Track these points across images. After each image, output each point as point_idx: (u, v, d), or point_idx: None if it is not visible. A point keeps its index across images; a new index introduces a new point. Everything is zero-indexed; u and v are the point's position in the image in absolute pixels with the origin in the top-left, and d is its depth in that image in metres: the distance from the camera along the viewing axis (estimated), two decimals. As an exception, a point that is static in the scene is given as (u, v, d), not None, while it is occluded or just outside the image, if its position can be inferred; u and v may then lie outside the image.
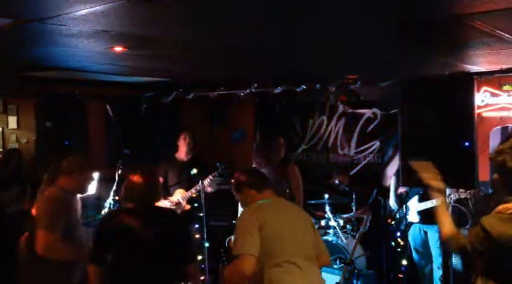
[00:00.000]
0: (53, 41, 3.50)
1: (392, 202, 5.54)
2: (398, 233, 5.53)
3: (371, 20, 2.92)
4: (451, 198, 4.88)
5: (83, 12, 2.64)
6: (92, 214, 5.33)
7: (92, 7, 2.55)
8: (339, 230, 5.57)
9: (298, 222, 3.18)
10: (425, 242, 5.33)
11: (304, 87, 5.68)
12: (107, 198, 5.25)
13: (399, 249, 5.56)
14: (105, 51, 3.87)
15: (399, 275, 5.44)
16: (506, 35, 3.27)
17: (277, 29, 3.21)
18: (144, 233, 3.03)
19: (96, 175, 5.34)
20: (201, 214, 5.30)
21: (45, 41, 3.50)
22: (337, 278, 4.71)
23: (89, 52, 3.96)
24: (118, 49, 3.79)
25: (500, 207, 2.36)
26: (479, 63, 4.47)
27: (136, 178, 3.12)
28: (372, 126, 6.28)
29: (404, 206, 5.22)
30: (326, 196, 5.82)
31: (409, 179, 3.90)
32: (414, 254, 5.43)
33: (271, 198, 3.26)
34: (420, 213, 5.23)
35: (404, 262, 5.31)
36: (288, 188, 5.15)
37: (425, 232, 5.31)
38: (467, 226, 5.34)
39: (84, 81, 5.96)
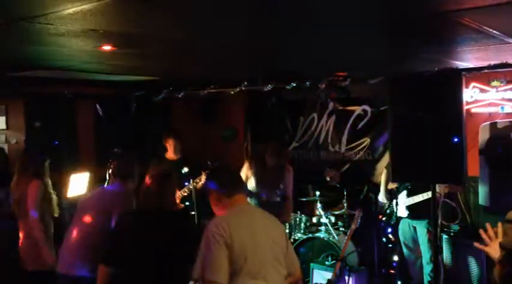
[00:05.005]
0: (40, 41, 3.47)
1: (381, 196, 5.57)
2: (389, 229, 5.57)
3: (360, 17, 2.92)
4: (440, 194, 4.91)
5: (70, 11, 2.62)
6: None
7: (79, 6, 2.53)
8: (330, 227, 5.59)
9: (268, 236, 2.81)
10: (414, 238, 5.36)
11: (294, 84, 5.68)
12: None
13: (390, 245, 5.61)
14: (93, 50, 3.85)
15: (391, 271, 5.48)
16: (494, 31, 3.29)
17: (267, 28, 3.21)
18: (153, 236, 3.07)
19: (86, 175, 5.34)
20: (193, 213, 5.30)
21: (33, 40, 3.47)
22: (329, 275, 4.72)
23: (77, 51, 3.93)
24: (107, 48, 3.77)
25: None
26: (468, 59, 4.50)
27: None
28: (362, 123, 6.31)
29: (394, 201, 5.24)
30: (317, 193, 5.84)
31: (399, 175, 3.90)
32: (404, 249, 5.46)
33: (242, 204, 2.92)
34: (408, 207, 5.26)
35: (395, 258, 5.35)
36: (282, 194, 5.11)
37: (414, 228, 5.33)
38: (457, 221, 5.39)
39: (74, 80, 5.92)
